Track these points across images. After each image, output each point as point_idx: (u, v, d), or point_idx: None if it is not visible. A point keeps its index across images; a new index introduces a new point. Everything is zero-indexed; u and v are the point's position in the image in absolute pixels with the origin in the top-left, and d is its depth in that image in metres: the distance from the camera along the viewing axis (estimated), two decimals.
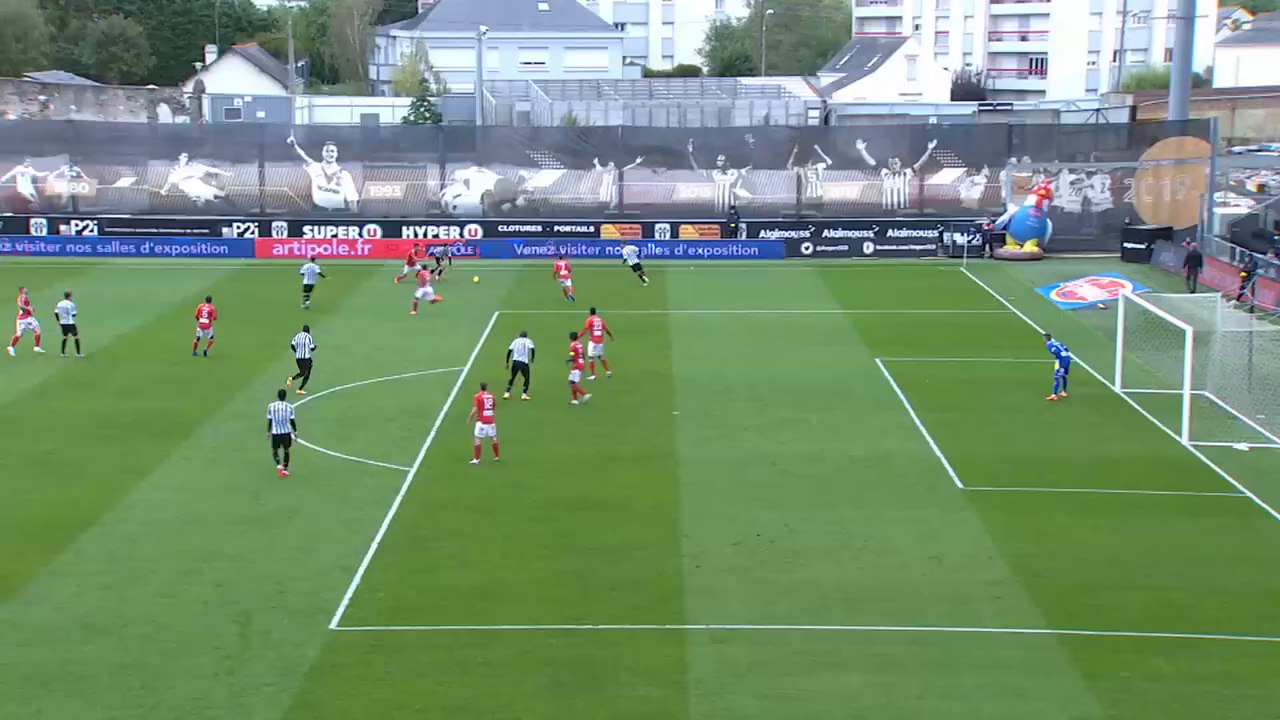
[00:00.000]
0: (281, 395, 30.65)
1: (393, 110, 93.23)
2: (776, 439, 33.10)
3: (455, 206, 62.94)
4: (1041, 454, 31.90)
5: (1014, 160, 61.54)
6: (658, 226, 61.18)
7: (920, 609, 23.29)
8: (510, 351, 36.12)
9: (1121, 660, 21.26)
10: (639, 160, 62.97)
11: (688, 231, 61.05)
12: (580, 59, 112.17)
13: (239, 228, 61.51)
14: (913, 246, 60.02)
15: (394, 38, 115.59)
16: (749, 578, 24.67)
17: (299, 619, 22.95)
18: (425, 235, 60.97)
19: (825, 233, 60.51)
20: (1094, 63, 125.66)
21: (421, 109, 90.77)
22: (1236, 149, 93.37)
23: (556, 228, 60.66)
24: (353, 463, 31.32)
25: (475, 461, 30.89)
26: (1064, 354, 36.22)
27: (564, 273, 49.36)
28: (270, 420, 30.06)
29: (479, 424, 30.88)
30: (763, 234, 60.71)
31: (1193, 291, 51.21)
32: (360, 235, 60.91)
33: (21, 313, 40.96)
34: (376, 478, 30.29)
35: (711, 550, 25.93)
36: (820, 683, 20.74)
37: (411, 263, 51.26)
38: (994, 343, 43.59)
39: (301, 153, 63.27)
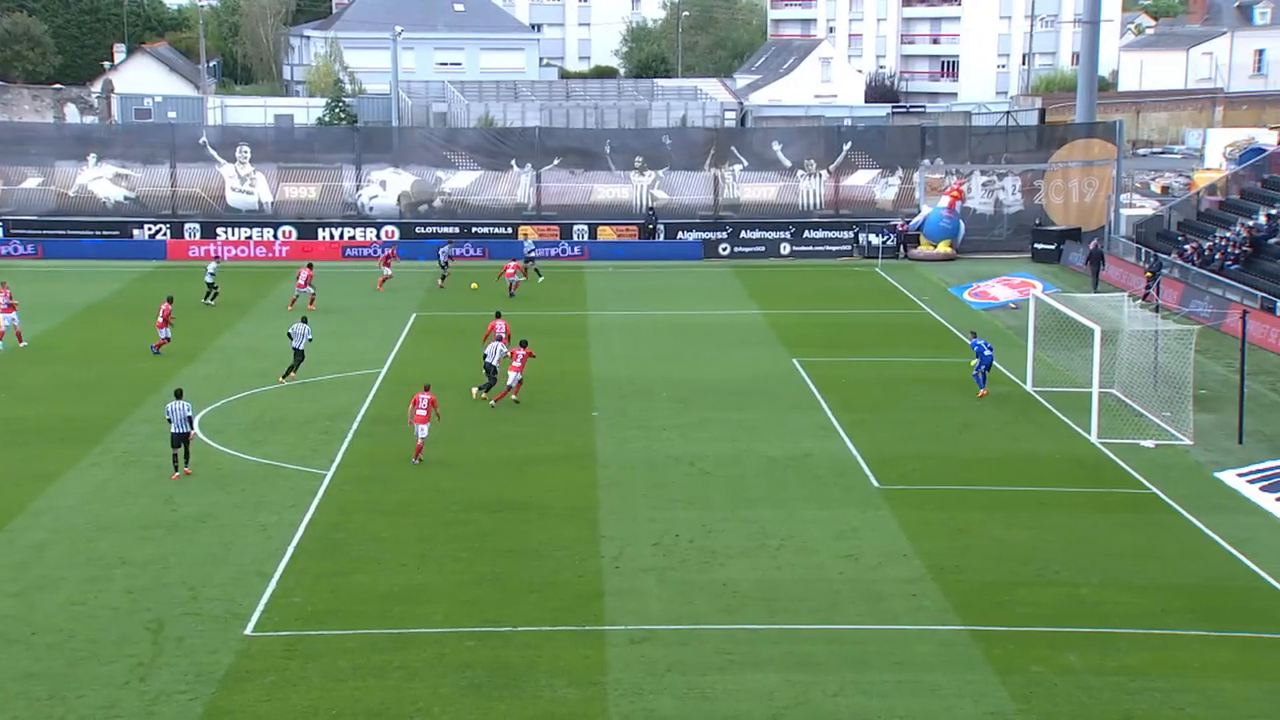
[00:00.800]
0: (179, 394, 30.37)
1: (307, 111, 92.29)
2: (695, 439, 33.20)
3: (371, 208, 62.46)
4: (956, 452, 32.30)
5: (927, 162, 62.27)
6: (575, 228, 61.15)
7: (837, 607, 23.48)
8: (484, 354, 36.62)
9: (1033, 655, 21.59)
10: (556, 161, 62.91)
11: (605, 232, 61.09)
12: (496, 60, 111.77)
13: (150, 229, 60.59)
14: (828, 247, 60.52)
15: (308, 38, 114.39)
16: (668, 578, 24.73)
17: (213, 625, 22.64)
18: (342, 237, 60.45)
19: (742, 234, 60.83)
20: (1004, 66, 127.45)
21: (336, 110, 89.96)
22: (1141, 151, 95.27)
23: (474, 229, 60.39)
24: (268, 466, 30.96)
25: (415, 460, 30.95)
26: (986, 352, 36.66)
27: (510, 272, 50.02)
28: (169, 419, 29.83)
29: (415, 424, 30.95)
30: (680, 235, 60.90)
31: (1095, 288, 52.31)
32: (276, 237, 60.25)
33: None
34: (292, 481, 29.97)
35: (630, 551, 25.96)
36: (738, 682, 20.84)
37: (386, 262, 51.70)
38: (909, 342, 44.06)
39: (214, 153, 62.46)
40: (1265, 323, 42.97)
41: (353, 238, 60.57)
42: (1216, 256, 50.48)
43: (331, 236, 60.67)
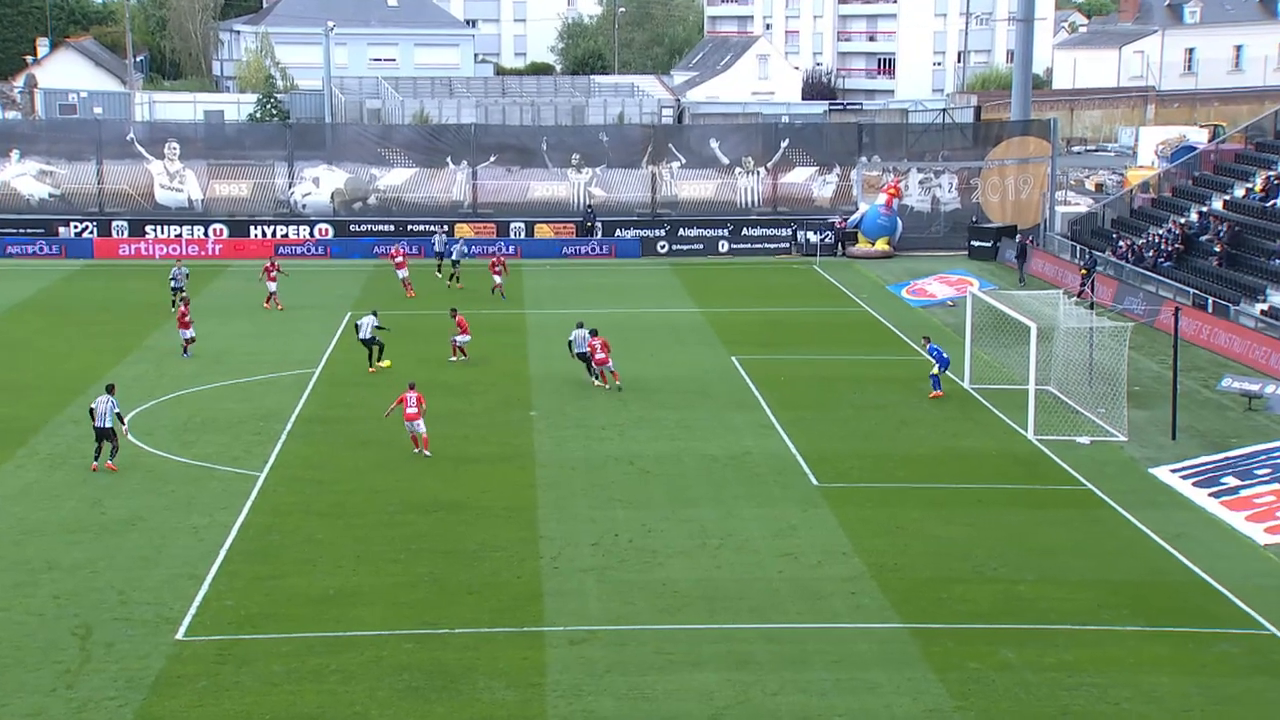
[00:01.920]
0: (109, 389, 30.18)
1: (238, 107, 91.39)
2: (634, 438, 33.22)
3: (305, 205, 61.95)
4: (894, 450, 32.54)
5: (864, 159, 62.69)
6: (513, 225, 61.00)
7: (777, 606, 23.57)
8: (570, 342, 37.66)
9: (970, 652, 21.79)
10: (492, 159, 62.70)
11: (543, 230, 60.99)
12: (431, 56, 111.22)
13: (76, 227, 59.74)
14: (767, 245, 60.77)
15: (238, 32, 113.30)
16: (607, 578, 24.72)
17: (143, 630, 22.36)
18: (275, 235, 59.89)
19: (680, 231, 60.95)
20: (940, 63, 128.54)
21: (268, 106, 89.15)
22: (1076, 149, 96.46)
23: (410, 227, 60.03)
24: (200, 468, 30.63)
25: (426, 452, 31.44)
26: (944, 355, 36.91)
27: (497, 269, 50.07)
28: (93, 411, 29.76)
29: (407, 421, 31.29)
30: (618, 233, 60.91)
31: (1021, 281, 52.81)
32: (207, 235, 59.59)
33: None
34: (225, 483, 29.66)
35: (569, 551, 25.93)
36: (678, 682, 20.87)
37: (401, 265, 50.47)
38: (848, 340, 44.34)
39: (142, 150, 61.67)
40: (1197, 319, 43.64)
41: (285, 236, 60.04)
42: (1149, 254, 51.20)
43: (264, 234, 60.10)
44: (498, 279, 49.52)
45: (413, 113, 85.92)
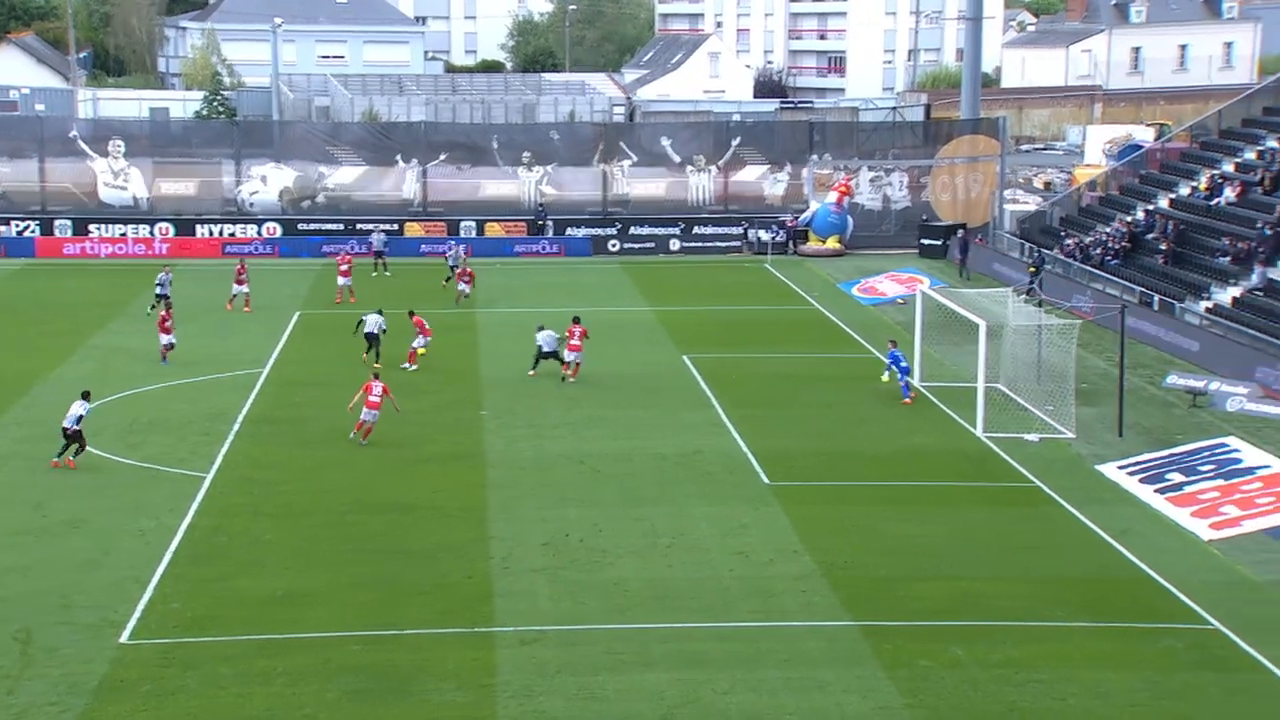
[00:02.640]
0: (85, 395, 30.38)
1: (184, 104, 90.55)
2: (585, 438, 33.21)
3: (252, 204, 61.46)
4: (845, 448, 32.69)
5: (815, 157, 62.90)
6: (463, 224, 60.78)
7: (728, 605, 23.63)
8: (539, 345, 38.13)
9: (920, 649, 21.93)
10: (443, 157, 62.44)
11: (494, 229, 60.82)
12: (380, 53, 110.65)
13: (18, 226, 58.96)
14: (718, 243, 60.87)
15: (183, 29, 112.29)
16: (558, 578, 24.70)
17: (86, 634, 22.13)
18: (222, 234, 59.41)
19: (632, 230, 60.95)
20: (890, 62, 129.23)
21: (215, 103, 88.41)
22: (1025, 147, 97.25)
23: (359, 225, 59.67)
24: (146, 469, 30.35)
25: (362, 441, 31.95)
26: (902, 363, 36.97)
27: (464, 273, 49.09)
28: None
29: (365, 408, 31.83)
30: (569, 231, 60.84)
31: (961, 274, 53.25)
32: (153, 234, 59.01)
33: None
34: (171, 484, 29.41)
35: (520, 551, 25.89)
36: (629, 681, 20.89)
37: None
38: (799, 338, 44.50)
39: (85, 147, 60.96)
40: (1144, 317, 44.10)
41: (233, 234, 59.55)
42: (1097, 252, 51.69)
43: (211, 233, 59.61)
44: (464, 287, 48.63)
45: (362, 110, 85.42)
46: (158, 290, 45.40)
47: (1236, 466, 30.80)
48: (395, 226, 59.94)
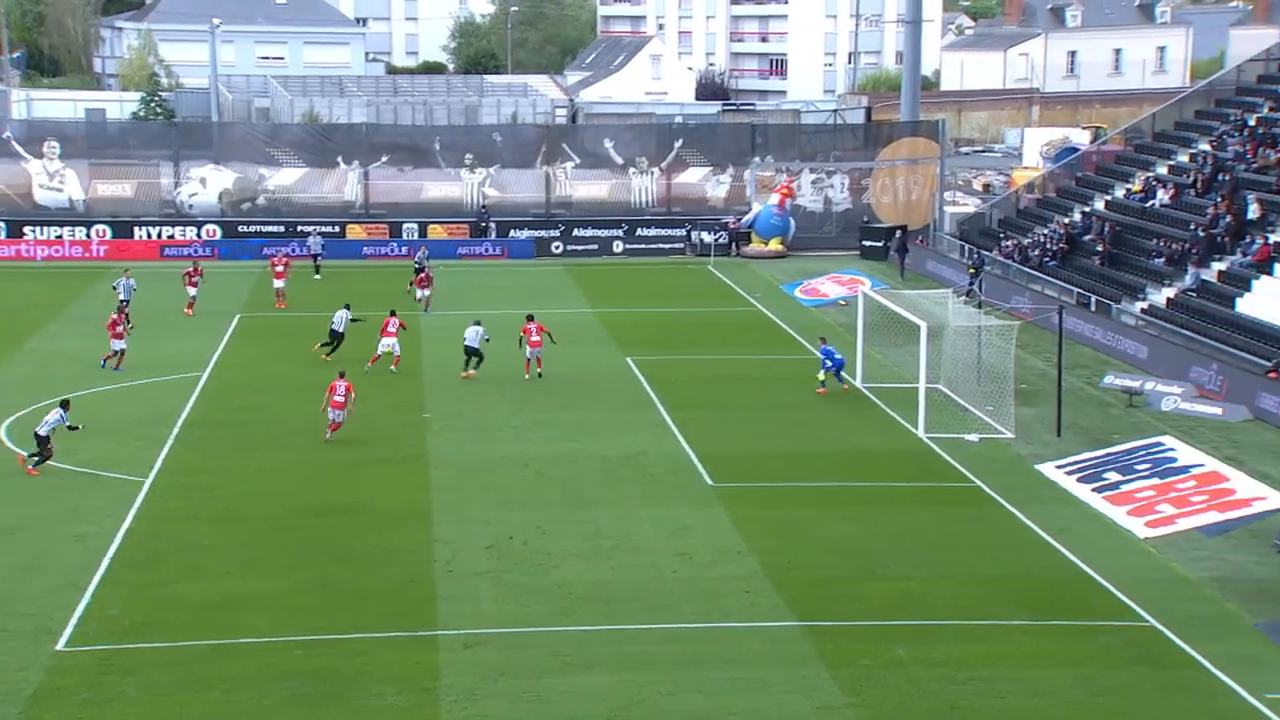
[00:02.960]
0: (64, 404, 30.23)
1: (121, 105, 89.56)
2: (529, 440, 33.13)
3: (191, 206, 60.89)
4: (788, 448, 32.81)
5: (758, 159, 63.13)
6: (405, 226, 60.48)
7: (671, 606, 23.64)
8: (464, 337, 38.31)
9: (862, 649, 22.03)
10: (384, 159, 62.15)
11: (436, 231, 60.55)
12: (321, 54, 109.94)
13: None
14: (661, 245, 60.94)
15: (120, 29, 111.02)
16: (501, 581, 24.62)
17: (21, 641, 21.80)
18: (161, 236, 58.75)
19: (575, 231, 60.90)
20: (831, 64, 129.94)
21: (152, 104, 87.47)
22: (964, 149, 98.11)
23: (300, 228, 59.21)
24: (83, 474, 29.96)
25: (328, 435, 32.20)
26: (836, 356, 37.19)
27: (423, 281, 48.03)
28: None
29: (330, 409, 32.08)
30: (512, 233, 60.70)
31: (902, 276, 53.73)
32: (90, 236, 58.28)
33: None
34: (109, 489, 29.05)
35: (464, 554, 25.79)
36: (573, 684, 20.85)
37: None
38: (742, 340, 44.62)
39: (19, 149, 60.17)
40: (1081, 318, 44.59)
41: (171, 237, 58.95)
42: (1035, 253, 52.21)
43: (149, 236, 58.97)
44: (423, 292, 47.76)
45: (302, 112, 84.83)
46: (121, 297, 44.17)
47: (1171, 465, 31.21)
48: (337, 229, 59.58)
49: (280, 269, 48.56)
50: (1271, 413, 35.01)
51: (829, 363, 37.17)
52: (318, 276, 52.91)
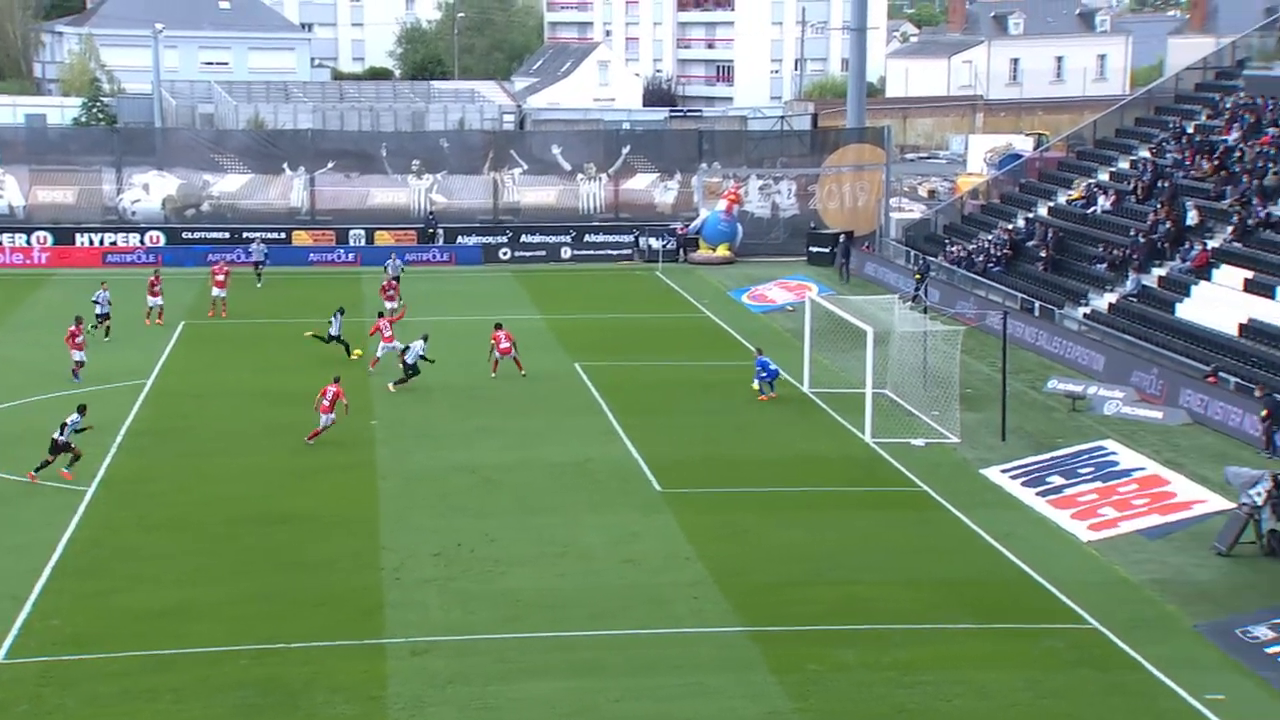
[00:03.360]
0: (80, 409, 30.16)
1: (61, 110, 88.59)
2: (477, 447, 33.06)
3: (134, 212, 60.30)
4: (736, 454, 32.92)
5: (705, 166, 63.32)
6: (352, 232, 60.18)
7: (619, 613, 23.66)
8: (407, 348, 37.85)
9: (809, 654, 22.14)
10: (331, 164, 61.84)
11: (383, 237, 60.30)
12: (265, 60, 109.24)
13: None
14: (609, 251, 60.99)
15: (60, 34, 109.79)
16: (449, 588, 24.56)
17: None
18: (103, 243, 58.14)
19: (523, 238, 60.83)
20: (777, 71, 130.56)
21: (94, 109, 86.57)
22: (909, 156, 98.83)
23: (245, 234, 58.79)
24: (23, 484, 29.57)
25: (309, 440, 32.37)
26: (771, 367, 37.41)
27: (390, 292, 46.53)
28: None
29: (319, 412, 32.42)
30: (460, 239, 60.54)
31: (845, 279, 54.37)
32: (31, 243, 57.57)
33: None
34: (50, 499, 28.72)
35: (411, 562, 25.70)
36: (521, 691, 20.83)
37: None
38: (690, 346, 44.73)
39: None
40: (1025, 323, 45.03)
41: (114, 243, 58.34)
42: (980, 259, 52.68)
43: (91, 242, 58.34)
44: (391, 305, 45.75)
45: (247, 118, 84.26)
46: (97, 310, 43.26)
47: (1113, 469, 31.59)
48: (282, 235, 59.21)
49: (220, 278, 47.87)
50: (1210, 416, 35.50)
51: (763, 373, 37.34)
52: (259, 285, 52.49)
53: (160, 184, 60.72)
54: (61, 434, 29.81)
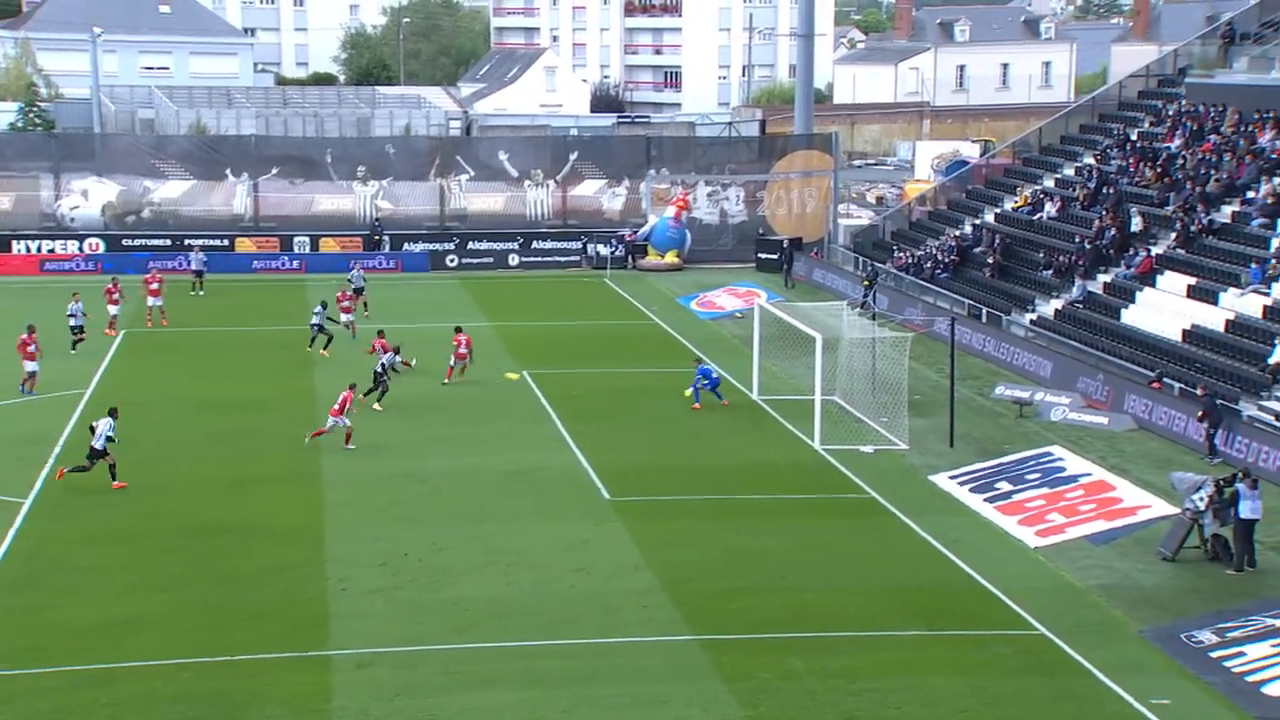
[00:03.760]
0: (112, 413, 30.08)
1: None
2: (424, 455, 32.92)
3: (73, 219, 59.63)
4: (685, 462, 32.96)
5: (653, 172, 63.42)
6: (296, 239, 59.79)
7: (569, 622, 23.62)
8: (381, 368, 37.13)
9: (759, 662, 22.19)
10: (275, 171, 61.42)
11: (328, 244, 59.95)
12: (207, 65, 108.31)
13: None
14: (557, 258, 60.95)
15: None
16: (396, 599, 24.43)
17: None
18: (40, 250, 57.43)
19: (470, 245, 60.68)
20: (725, 77, 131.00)
21: (31, 114, 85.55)
22: (857, 162, 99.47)
23: (187, 241, 58.23)
24: None
25: (309, 440, 32.73)
26: (713, 375, 37.47)
27: (345, 304, 45.39)
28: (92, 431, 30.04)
29: (331, 415, 32.87)
30: (406, 246, 60.30)
31: (786, 284, 54.75)
32: None
33: None
34: None
35: (357, 572, 25.54)
36: (468, 702, 20.74)
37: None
38: (639, 353, 44.76)
39: None
40: (972, 329, 45.39)
41: (52, 251, 57.65)
42: (928, 265, 53.06)
43: (28, 250, 57.62)
44: (346, 318, 45.14)
45: (189, 123, 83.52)
46: (72, 322, 42.52)
47: (1060, 475, 31.89)
48: (225, 242, 58.73)
49: (155, 286, 46.98)
50: (1155, 422, 35.92)
51: (705, 381, 37.32)
52: (200, 293, 51.88)
53: (100, 190, 60.09)
54: (101, 441, 29.69)
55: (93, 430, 29.95)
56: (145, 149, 62.94)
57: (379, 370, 36.84)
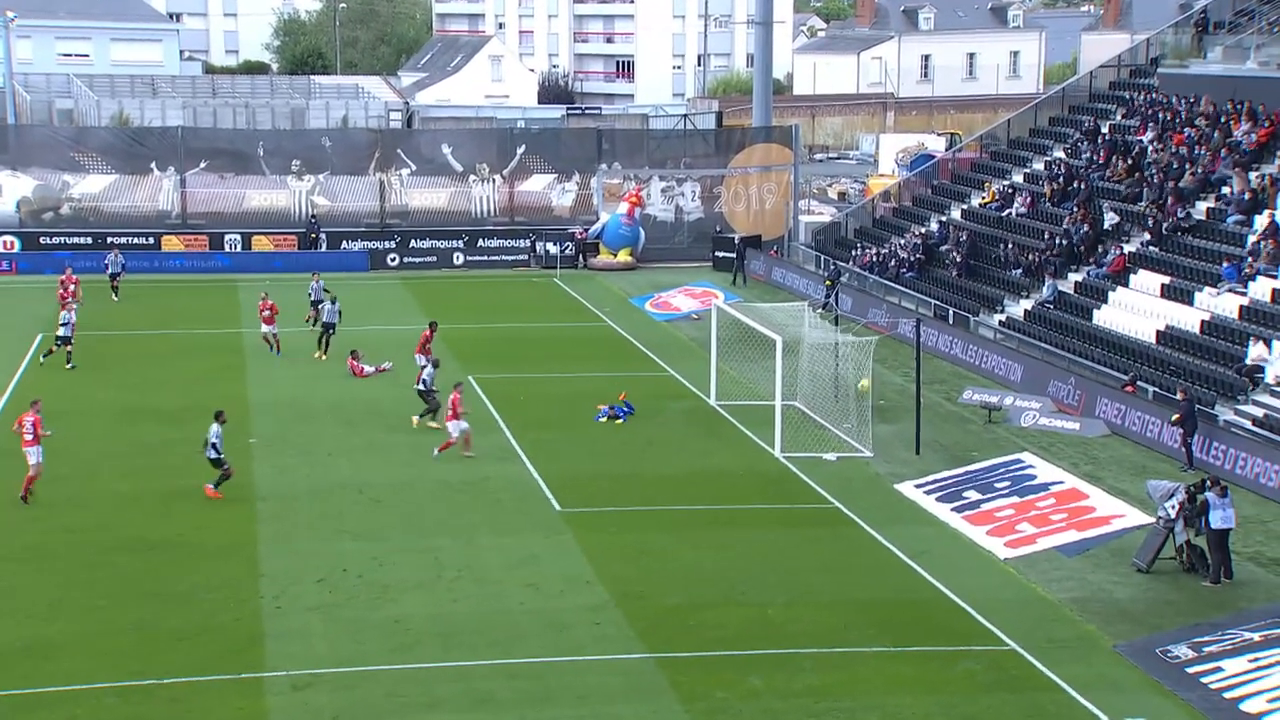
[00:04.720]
0: (218, 417, 30.27)
1: None
2: (364, 465, 32.82)
3: None
4: (639, 471, 33.02)
5: (605, 166, 63.49)
6: (227, 237, 59.46)
7: (518, 640, 23.63)
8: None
9: (718, 680, 22.25)
10: (203, 164, 61.05)
11: (261, 242, 59.63)
12: (130, 52, 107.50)
13: None
14: (504, 257, 60.92)
15: None
16: (335, 616, 24.35)
17: None
18: None
19: (412, 243, 60.56)
20: (679, 67, 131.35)
21: None
22: (818, 156, 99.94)
23: (110, 239, 57.77)
24: None
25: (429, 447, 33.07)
26: (630, 408, 37.14)
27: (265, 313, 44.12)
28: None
29: (449, 421, 32.99)
30: (345, 244, 60.09)
31: (734, 281, 55.27)
32: None
33: None
34: None
35: (293, 589, 25.44)
36: None
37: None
38: (591, 357, 44.81)
39: None
40: (939, 331, 45.70)
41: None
42: (892, 264, 53.37)
43: None
44: (268, 328, 43.89)
45: (111, 114, 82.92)
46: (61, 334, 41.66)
47: (1030, 483, 32.16)
48: (150, 240, 58.31)
49: (70, 288, 45.27)
50: (1129, 428, 36.28)
51: (625, 407, 37.02)
52: (115, 299, 51.07)
53: (14, 185, 59.55)
54: (213, 450, 29.90)
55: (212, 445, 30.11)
56: (64, 141, 62.43)
57: (421, 389, 36.01)
